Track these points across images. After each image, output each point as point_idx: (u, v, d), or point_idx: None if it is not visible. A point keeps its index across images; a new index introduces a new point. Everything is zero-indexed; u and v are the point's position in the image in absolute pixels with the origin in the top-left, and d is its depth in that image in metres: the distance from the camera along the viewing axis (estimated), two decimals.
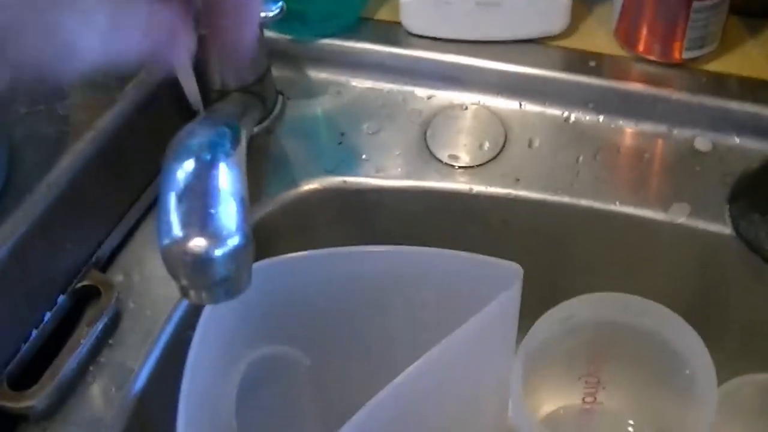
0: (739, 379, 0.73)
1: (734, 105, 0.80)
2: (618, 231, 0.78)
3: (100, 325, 0.67)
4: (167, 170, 0.51)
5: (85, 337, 0.66)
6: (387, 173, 0.79)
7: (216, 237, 0.48)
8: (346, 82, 0.85)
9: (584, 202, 0.78)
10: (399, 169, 0.79)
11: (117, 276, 0.72)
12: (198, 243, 0.47)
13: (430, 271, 0.64)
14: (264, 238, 0.77)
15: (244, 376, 0.64)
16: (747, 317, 0.79)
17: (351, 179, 0.79)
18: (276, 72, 0.81)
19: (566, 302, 0.68)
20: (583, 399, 0.78)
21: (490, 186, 0.78)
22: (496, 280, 0.61)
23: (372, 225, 0.81)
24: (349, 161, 0.80)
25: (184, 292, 0.50)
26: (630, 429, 0.79)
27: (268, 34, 0.83)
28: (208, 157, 0.51)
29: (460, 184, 0.78)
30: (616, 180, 0.78)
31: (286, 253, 0.68)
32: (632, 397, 0.78)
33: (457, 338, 0.58)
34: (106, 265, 0.73)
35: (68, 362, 0.65)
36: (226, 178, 0.50)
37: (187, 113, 0.78)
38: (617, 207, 0.77)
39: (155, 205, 0.76)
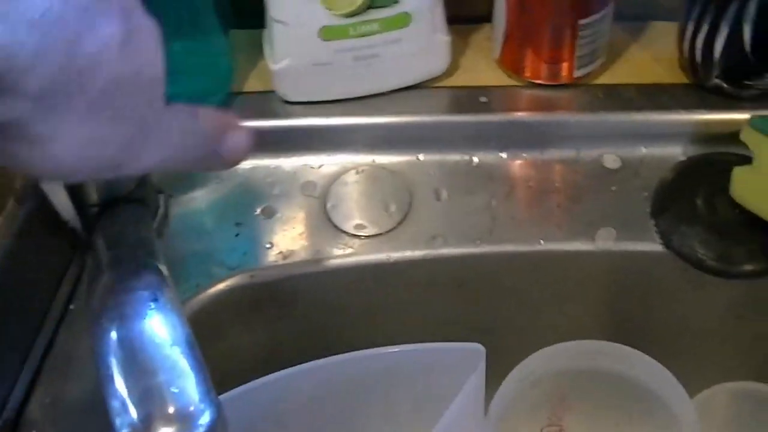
0: (711, 390, 0.71)
1: (635, 116, 0.77)
2: (548, 269, 0.74)
3: None
4: (100, 341, 0.44)
5: None
6: (295, 257, 0.73)
7: (184, 419, 0.41)
8: None
9: (507, 248, 0.73)
10: (307, 251, 0.73)
11: None
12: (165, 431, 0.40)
13: (394, 370, 0.58)
14: None
15: None
16: (694, 328, 0.77)
17: (258, 272, 0.72)
18: None
19: (522, 362, 0.65)
20: None
21: (407, 250, 0.73)
22: (459, 362, 0.56)
23: (290, 313, 0.75)
24: (251, 252, 0.73)
25: None
26: None
27: None
28: (143, 315, 0.44)
29: (375, 255, 0.73)
30: (534, 217, 0.74)
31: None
32: None
33: None
34: (15, 424, 0.65)
35: None
36: (171, 335, 0.44)
37: (67, 235, 0.72)
38: (542, 246, 0.73)
39: (56, 338, 0.69)
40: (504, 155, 0.77)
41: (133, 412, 0.41)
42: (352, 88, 0.78)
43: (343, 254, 0.73)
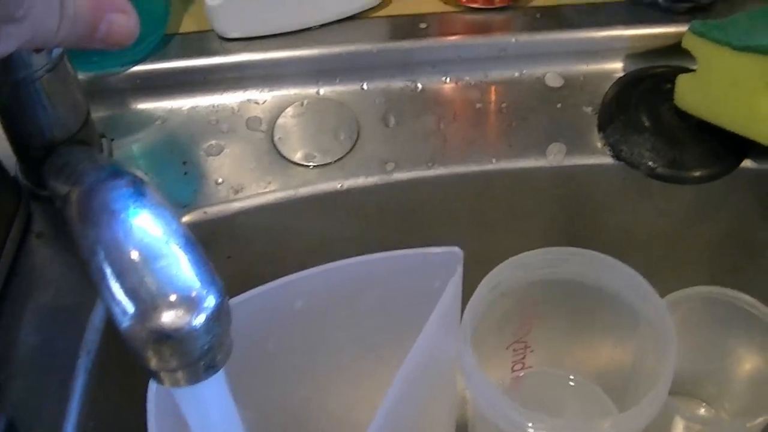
0: (667, 297, 0.71)
1: (574, 34, 0.78)
2: (501, 188, 0.74)
3: None
4: (87, 245, 0.42)
5: None
6: (247, 191, 0.71)
7: (189, 301, 0.39)
8: (169, 108, 0.76)
9: (460, 169, 0.73)
10: (259, 183, 0.72)
11: None
12: (171, 315, 0.39)
13: (366, 280, 0.57)
14: None
15: None
16: (647, 238, 0.78)
17: (211, 208, 0.71)
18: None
19: (491, 273, 0.64)
20: (512, 368, 0.74)
21: (359, 177, 0.72)
22: (436, 267, 0.56)
23: (246, 249, 0.73)
24: (202, 189, 0.71)
25: (155, 377, 0.41)
26: (570, 383, 0.76)
27: None
28: (131, 211, 0.43)
29: (327, 183, 0.72)
30: (484, 137, 0.74)
31: None
32: (563, 352, 0.74)
33: (418, 350, 0.52)
34: None
35: None
36: (162, 225, 0.42)
37: (8, 184, 0.70)
38: (494, 165, 0.73)
39: (8, 289, 0.66)
40: (447, 79, 0.77)
41: (133, 305, 0.39)
42: (290, 20, 0.77)
43: (294, 185, 0.72)
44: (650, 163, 0.72)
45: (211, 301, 0.40)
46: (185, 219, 0.70)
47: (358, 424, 0.56)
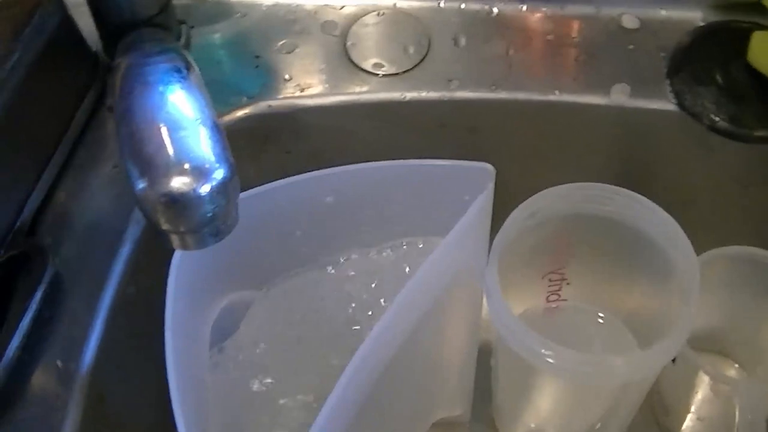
0: (708, 253, 0.71)
1: None
2: (560, 120, 0.75)
3: (38, 295, 0.61)
4: (123, 105, 0.45)
5: (23, 311, 0.60)
6: (313, 91, 0.74)
7: (199, 171, 0.42)
8: (250, 2, 0.78)
9: (521, 96, 0.74)
10: (325, 85, 0.74)
11: (45, 239, 0.65)
12: (180, 181, 0.41)
13: (396, 183, 0.59)
14: None
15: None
16: (698, 192, 0.78)
17: (276, 102, 0.73)
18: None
19: (530, 198, 0.65)
20: (547, 298, 0.76)
21: (423, 90, 0.74)
22: (467, 182, 0.57)
23: (304, 148, 0.76)
24: (270, 84, 0.74)
25: (166, 238, 0.44)
26: (600, 320, 0.77)
27: None
28: (166, 85, 0.45)
29: (391, 92, 0.74)
30: (550, 68, 0.75)
31: None
32: (599, 290, 0.75)
33: (438, 254, 0.54)
34: (31, 229, 0.66)
35: (11, 342, 0.59)
36: (192, 104, 0.44)
37: (87, 56, 0.73)
38: (557, 96, 0.74)
39: (74, 156, 0.70)
40: (524, 8, 0.78)
41: (148, 170, 0.42)
42: None
43: (359, 90, 0.74)
44: (712, 116, 0.72)
45: (219, 174, 0.42)
46: (249, 109, 0.73)
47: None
